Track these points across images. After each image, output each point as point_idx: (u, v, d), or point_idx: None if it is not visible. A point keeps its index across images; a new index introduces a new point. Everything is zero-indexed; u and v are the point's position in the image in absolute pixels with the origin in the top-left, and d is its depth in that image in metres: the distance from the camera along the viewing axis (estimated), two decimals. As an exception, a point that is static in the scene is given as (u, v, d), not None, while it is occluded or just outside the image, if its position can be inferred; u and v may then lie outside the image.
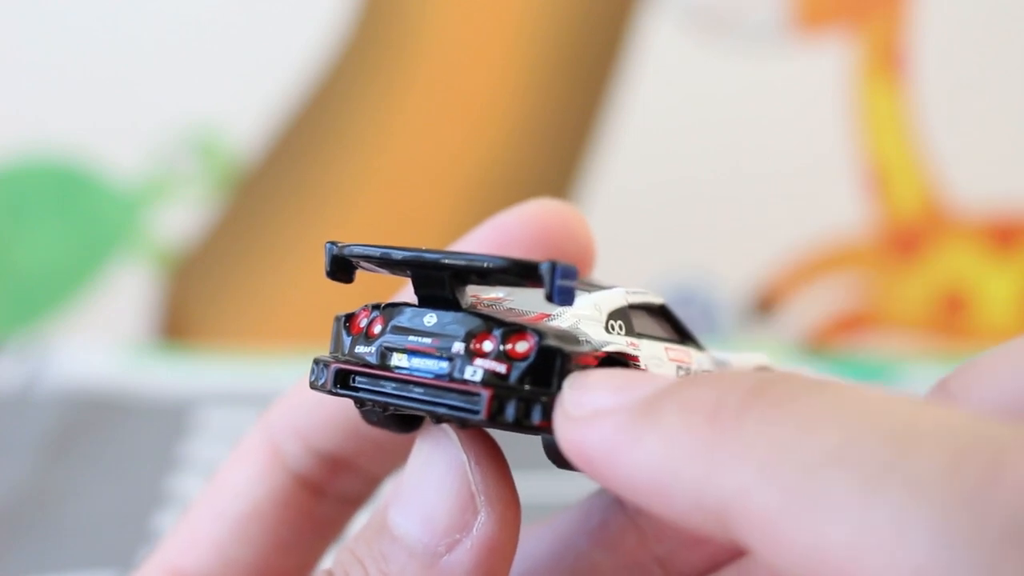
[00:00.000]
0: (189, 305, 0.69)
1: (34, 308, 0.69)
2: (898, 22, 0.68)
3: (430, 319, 0.19)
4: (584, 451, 0.17)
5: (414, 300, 0.20)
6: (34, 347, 0.63)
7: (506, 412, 0.18)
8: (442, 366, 0.19)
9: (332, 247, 0.20)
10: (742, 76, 0.68)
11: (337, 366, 0.20)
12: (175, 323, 0.69)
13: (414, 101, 0.68)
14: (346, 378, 0.20)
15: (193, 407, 0.55)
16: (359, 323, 0.20)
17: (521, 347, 0.18)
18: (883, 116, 0.68)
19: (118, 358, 0.62)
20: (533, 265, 0.18)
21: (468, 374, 0.18)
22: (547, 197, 0.24)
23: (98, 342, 0.64)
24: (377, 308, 0.20)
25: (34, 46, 0.67)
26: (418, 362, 0.19)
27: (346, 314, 0.21)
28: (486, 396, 0.18)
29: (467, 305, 0.19)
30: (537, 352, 0.18)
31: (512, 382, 0.18)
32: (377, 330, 0.20)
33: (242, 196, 0.68)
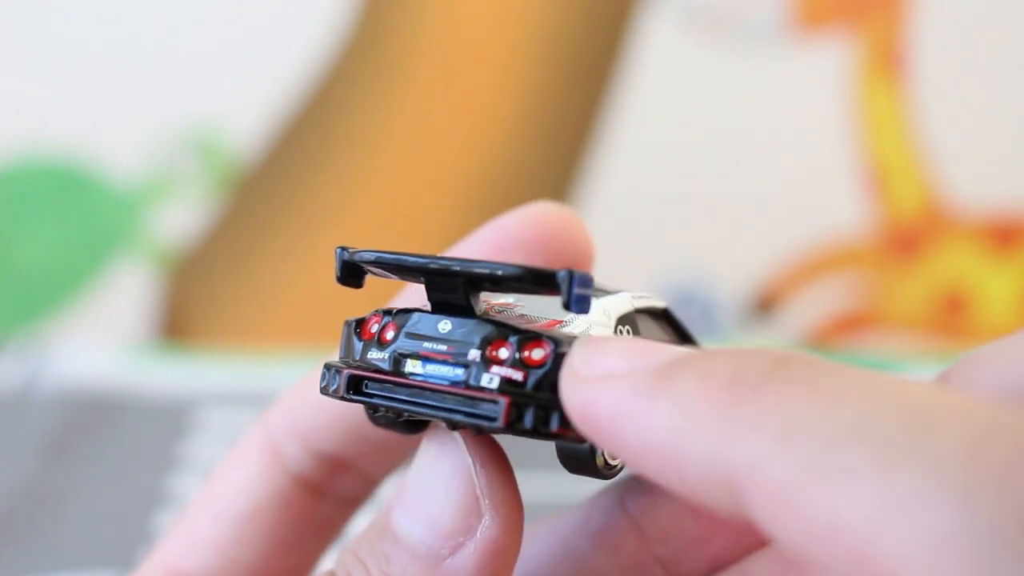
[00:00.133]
0: (189, 305, 0.69)
1: (34, 308, 0.69)
2: (898, 22, 0.68)
3: (444, 325, 0.19)
4: (592, 413, 0.16)
5: (419, 304, 0.20)
6: (34, 347, 0.62)
7: (524, 419, 0.18)
8: (458, 373, 0.19)
9: (343, 252, 0.20)
10: (742, 76, 0.68)
11: (350, 372, 0.19)
12: (175, 323, 0.69)
13: (414, 101, 0.68)
14: (359, 384, 0.19)
15: (193, 407, 0.55)
16: (370, 328, 0.20)
17: (537, 354, 0.18)
18: (883, 116, 0.68)
19: (118, 358, 0.62)
20: (550, 274, 0.18)
21: (485, 381, 0.18)
22: (547, 197, 0.24)
23: (98, 342, 0.64)
24: (389, 313, 0.20)
25: (34, 46, 0.67)
26: (433, 369, 0.19)
27: (356, 319, 0.21)
28: (504, 404, 0.18)
29: (480, 312, 0.19)
30: (553, 359, 0.18)
31: (529, 389, 0.18)
32: (390, 336, 0.20)
33: (242, 196, 0.68)
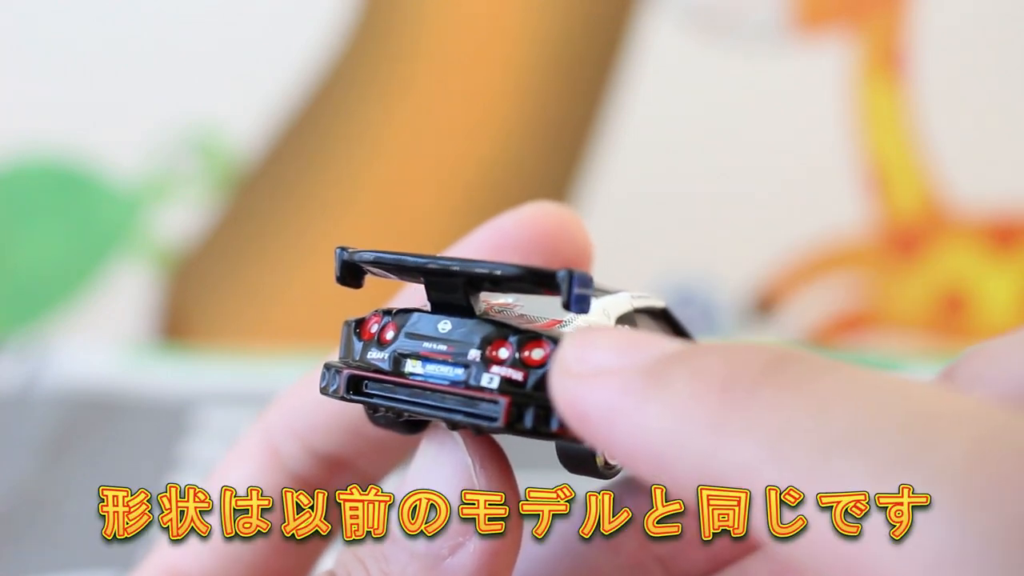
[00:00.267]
0: (189, 305, 0.69)
1: (34, 308, 0.69)
2: (898, 22, 0.68)
3: (444, 326, 0.19)
4: (582, 410, 0.16)
5: (420, 304, 0.20)
6: (34, 347, 0.62)
7: (524, 419, 0.18)
8: (458, 373, 0.19)
9: (342, 252, 0.20)
10: (742, 76, 0.68)
11: (350, 372, 0.19)
12: (175, 323, 0.69)
13: (414, 101, 0.68)
14: (359, 384, 0.20)
15: (193, 407, 0.55)
16: (370, 328, 0.20)
17: (537, 354, 0.18)
18: (883, 116, 0.68)
19: (118, 358, 0.62)
20: (550, 274, 0.18)
21: (485, 381, 0.18)
22: (547, 197, 0.24)
23: (98, 342, 0.64)
24: (389, 314, 0.20)
25: (34, 46, 0.67)
26: (433, 369, 0.19)
27: (356, 319, 0.21)
28: (504, 403, 0.18)
29: (480, 312, 0.19)
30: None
31: (528, 389, 0.18)
32: (390, 336, 0.20)
33: (242, 196, 0.68)
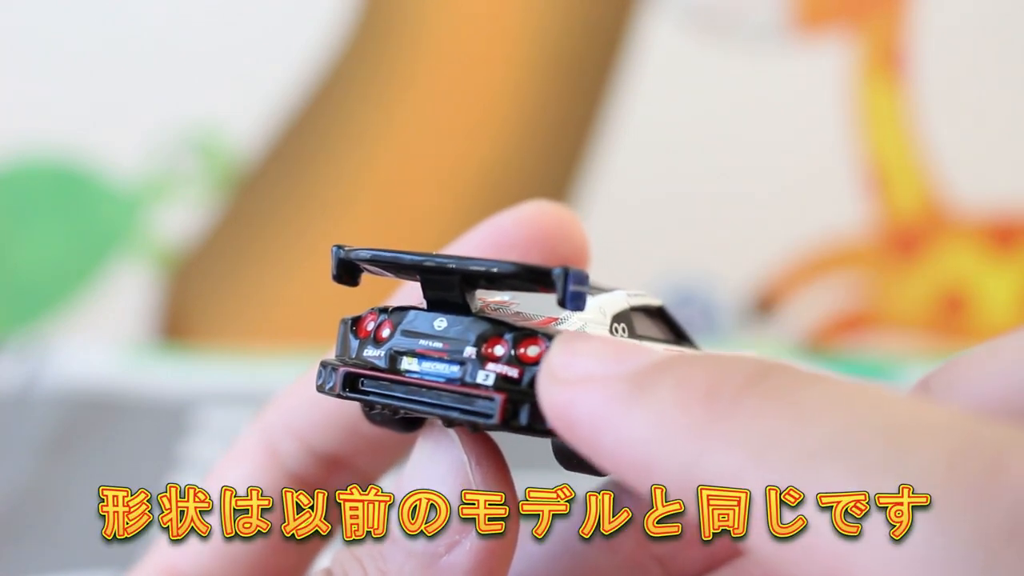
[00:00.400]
0: (189, 305, 0.69)
1: (34, 308, 0.69)
2: (898, 22, 0.68)
3: (440, 323, 0.19)
4: (569, 416, 0.16)
5: (417, 302, 0.20)
6: (34, 347, 0.63)
7: (519, 416, 0.18)
8: (454, 370, 0.19)
9: (339, 250, 0.20)
10: (742, 76, 0.68)
11: (346, 370, 0.20)
12: (175, 323, 0.69)
13: (414, 101, 0.68)
14: (355, 382, 0.20)
15: (193, 407, 0.55)
16: (366, 326, 0.20)
17: (532, 351, 0.18)
18: (883, 116, 0.68)
19: (118, 358, 0.62)
20: (546, 271, 0.18)
21: (480, 378, 0.18)
22: (547, 197, 0.24)
23: (98, 342, 0.64)
24: (385, 312, 0.20)
25: (34, 46, 0.67)
26: (429, 366, 0.19)
27: (352, 317, 0.21)
28: (500, 400, 0.18)
29: (476, 309, 0.19)
30: None
31: (524, 386, 0.18)
32: (386, 334, 0.20)
33: (242, 196, 0.68)
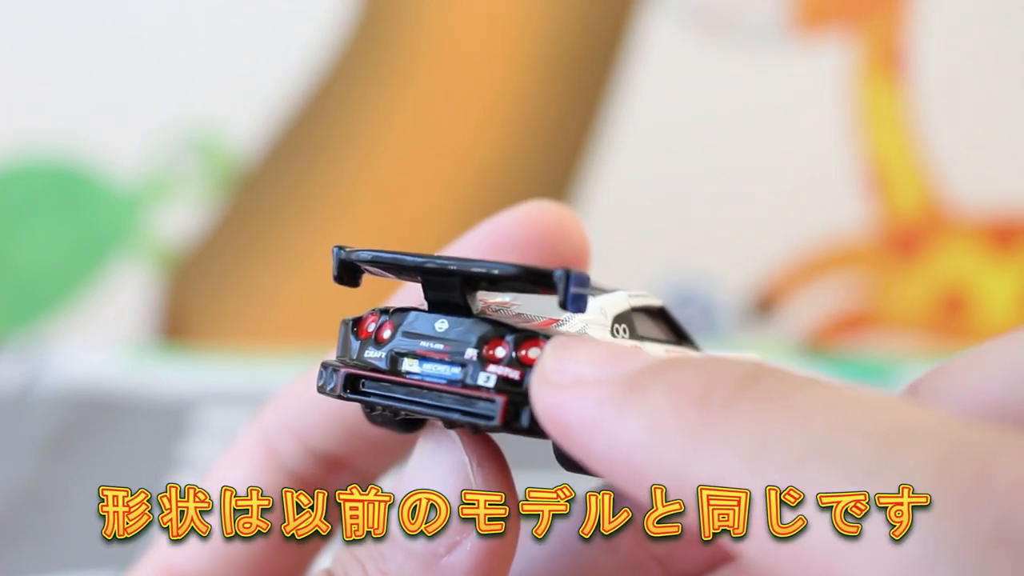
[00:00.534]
0: (189, 305, 0.69)
1: (34, 308, 0.69)
2: (898, 22, 0.68)
3: (441, 325, 0.19)
4: (561, 419, 0.16)
5: (418, 303, 0.20)
6: (34, 347, 0.63)
7: (521, 418, 0.18)
8: (455, 372, 0.19)
9: (340, 251, 0.20)
10: (742, 76, 0.68)
11: (347, 371, 0.19)
12: (175, 323, 0.69)
13: (414, 101, 0.68)
14: (356, 383, 0.20)
15: (193, 407, 0.55)
16: (367, 327, 0.20)
17: (534, 353, 0.18)
18: (883, 116, 0.68)
19: (118, 358, 0.62)
20: (547, 273, 0.18)
21: (481, 380, 0.18)
22: (547, 197, 0.24)
23: (98, 342, 0.64)
24: (386, 313, 0.20)
25: (34, 46, 0.67)
26: (430, 368, 0.19)
27: (353, 318, 0.21)
28: (501, 402, 0.18)
29: (477, 310, 0.19)
30: None
31: (525, 388, 0.18)
32: (387, 335, 0.20)
33: (242, 196, 0.68)
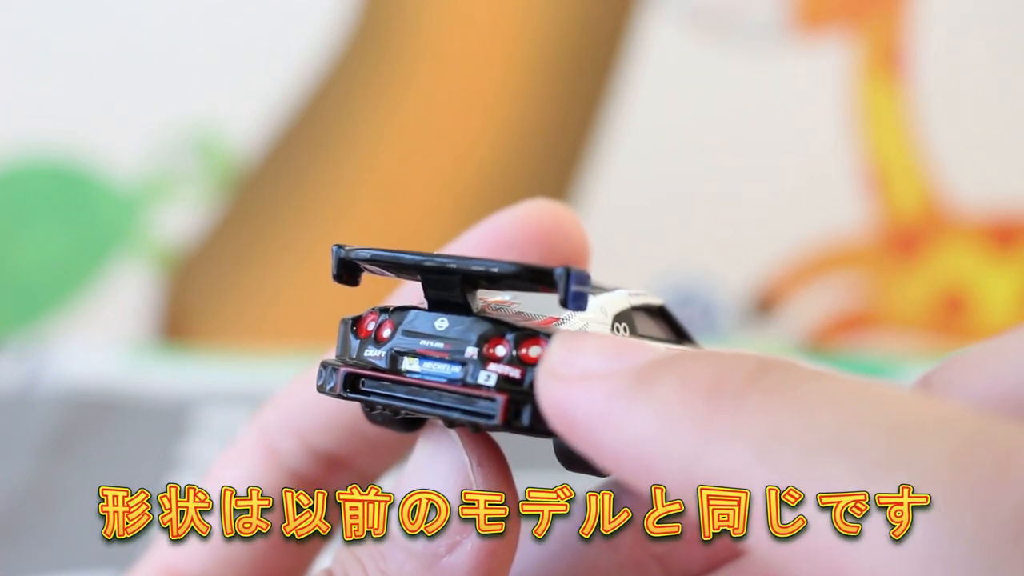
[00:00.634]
0: (189, 305, 0.69)
1: (34, 308, 0.69)
2: (898, 22, 0.68)
3: (441, 323, 0.19)
4: (568, 413, 0.16)
5: (418, 302, 0.20)
6: (34, 347, 0.62)
7: (521, 417, 0.18)
8: (455, 371, 0.18)
9: (339, 250, 0.20)
10: (742, 76, 0.68)
11: (347, 370, 0.19)
12: (175, 323, 0.69)
13: (414, 101, 0.68)
14: (356, 382, 0.19)
15: (193, 407, 0.55)
16: (367, 326, 0.20)
17: (534, 352, 0.18)
18: (883, 116, 0.68)
19: (118, 358, 0.62)
20: (547, 271, 0.18)
21: (482, 379, 0.18)
22: (547, 197, 0.24)
23: (98, 342, 0.64)
24: (386, 311, 0.20)
25: (34, 46, 0.67)
26: (430, 366, 0.19)
27: (353, 317, 0.21)
28: (501, 401, 0.18)
29: (477, 309, 0.19)
30: None
31: (525, 387, 0.18)
32: (386, 334, 0.20)
33: (242, 196, 0.68)
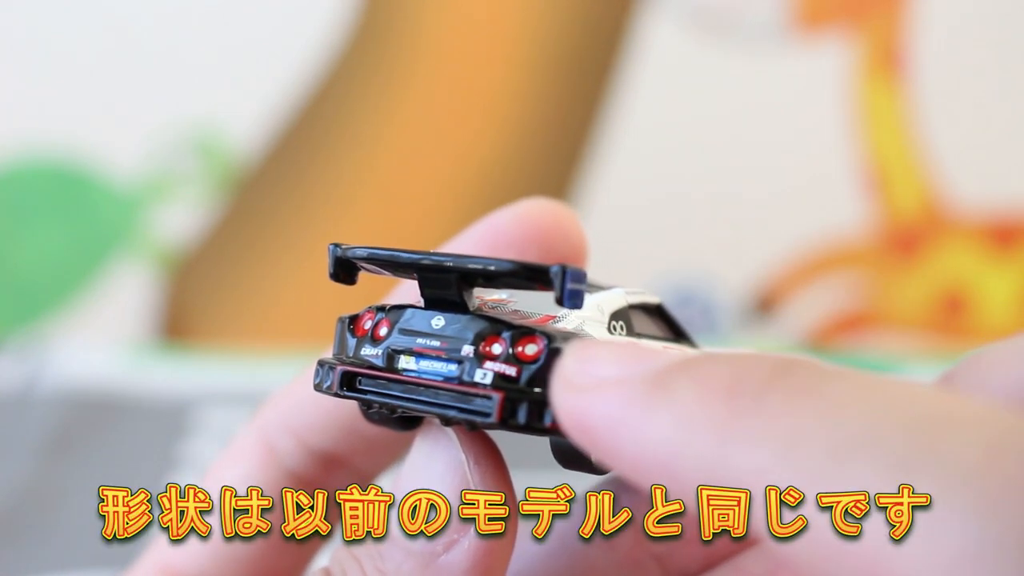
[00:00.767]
0: (189, 305, 0.69)
1: (34, 308, 0.69)
2: (898, 22, 0.68)
3: (438, 321, 0.19)
4: (586, 422, 0.16)
5: (414, 301, 0.20)
6: (34, 347, 0.63)
7: (518, 415, 0.18)
8: (451, 369, 0.18)
9: (336, 249, 0.20)
10: (742, 76, 0.68)
11: (343, 368, 0.19)
12: (175, 323, 0.69)
13: (414, 101, 0.68)
14: (352, 380, 0.19)
15: (193, 407, 0.55)
16: (363, 325, 0.20)
17: (530, 350, 0.18)
18: (883, 116, 0.68)
19: (118, 358, 0.62)
20: (543, 269, 0.18)
21: (478, 377, 0.18)
22: (546, 196, 0.24)
23: (98, 342, 0.64)
24: (382, 310, 0.20)
25: (34, 46, 0.67)
26: (427, 365, 0.19)
27: (349, 316, 0.21)
28: (498, 399, 0.18)
29: (473, 307, 0.19)
30: (547, 355, 0.18)
31: (522, 385, 0.18)
32: (383, 332, 0.20)
33: (242, 196, 0.68)
